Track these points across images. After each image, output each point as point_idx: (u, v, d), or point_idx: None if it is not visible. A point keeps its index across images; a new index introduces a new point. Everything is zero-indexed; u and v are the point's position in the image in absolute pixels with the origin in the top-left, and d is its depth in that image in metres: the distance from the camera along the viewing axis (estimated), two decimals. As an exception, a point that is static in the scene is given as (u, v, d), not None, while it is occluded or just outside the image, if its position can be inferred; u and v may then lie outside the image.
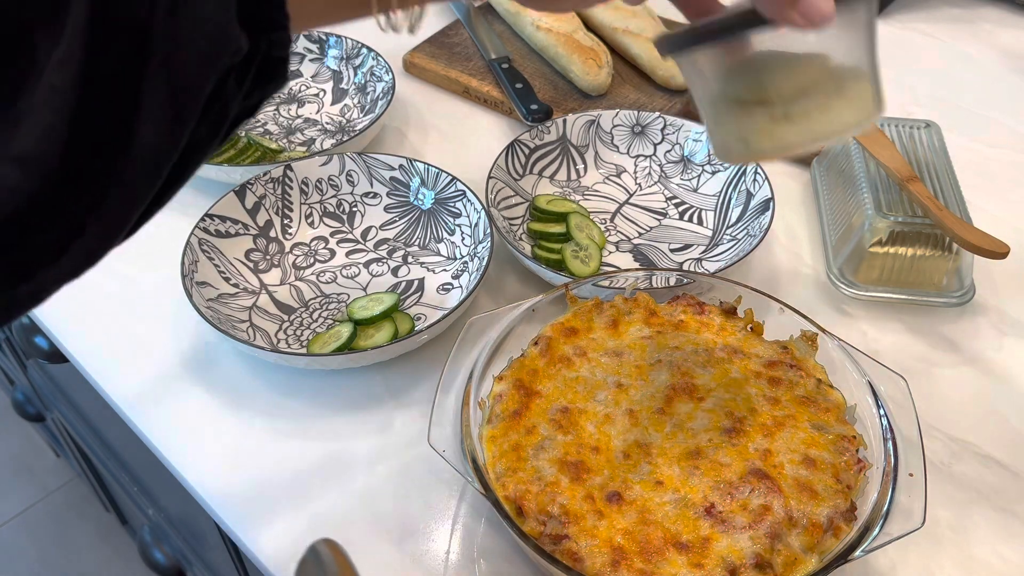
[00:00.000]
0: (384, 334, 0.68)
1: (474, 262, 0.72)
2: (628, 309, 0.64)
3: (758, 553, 0.49)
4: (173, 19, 0.29)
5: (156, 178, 0.32)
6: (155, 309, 0.73)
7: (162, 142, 0.31)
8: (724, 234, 0.78)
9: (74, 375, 0.95)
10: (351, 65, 0.96)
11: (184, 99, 0.30)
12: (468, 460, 0.53)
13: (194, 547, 1.09)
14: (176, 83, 0.30)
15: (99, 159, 0.30)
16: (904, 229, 0.70)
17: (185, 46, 0.30)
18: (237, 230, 0.76)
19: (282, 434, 0.64)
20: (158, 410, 0.66)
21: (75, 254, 0.31)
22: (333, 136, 0.91)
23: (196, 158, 0.33)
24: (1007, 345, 0.70)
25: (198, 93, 0.31)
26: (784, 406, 0.57)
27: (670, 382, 0.58)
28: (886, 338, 0.70)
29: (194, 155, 0.33)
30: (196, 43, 0.30)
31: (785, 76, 0.44)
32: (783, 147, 0.45)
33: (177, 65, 0.30)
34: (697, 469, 0.53)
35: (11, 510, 1.81)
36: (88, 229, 0.31)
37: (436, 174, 0.78)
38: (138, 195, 0.32)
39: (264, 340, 0.69)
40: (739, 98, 0.46)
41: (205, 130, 0.33)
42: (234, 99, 0.33)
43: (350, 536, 0.57)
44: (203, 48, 0.30)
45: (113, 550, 1.73)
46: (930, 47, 1.07)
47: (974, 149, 0.90)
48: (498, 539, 0.57)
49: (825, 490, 0.52)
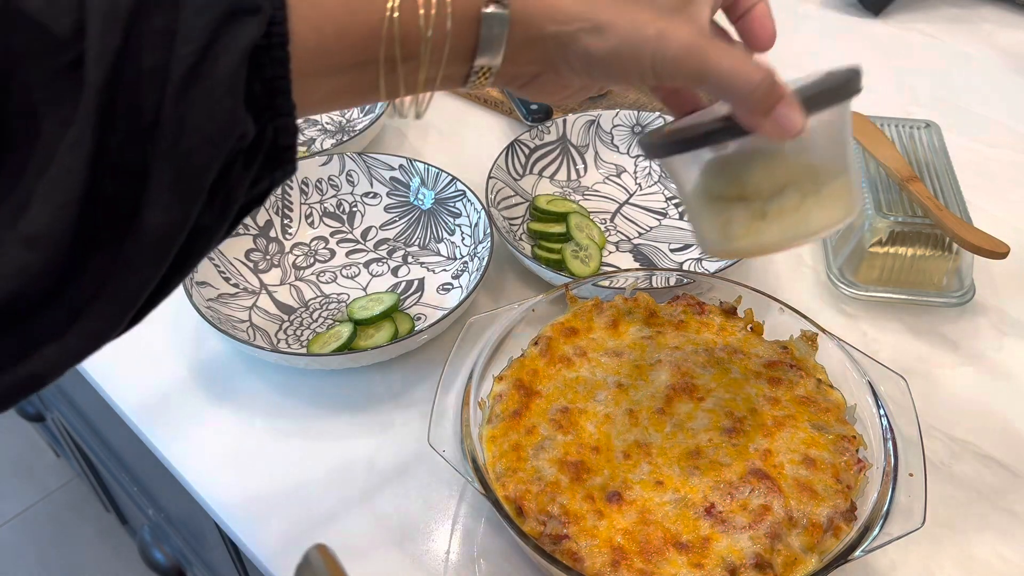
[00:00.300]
0: (384, 334, 0.68)
1: (474, 262, 0.72)
2: (628, 309, 0.64)
3: (758, 553, 0.49)
4: (182, 104, 0.30)
5: (162, 261, 0.32)
6: (155, 309, 0.73)
7: (168, 225, 0.31)
8: (724, 234, 0.78)
9: (74, 375, 0.95)
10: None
11: (190, 183, 0.31)
12: (468, 460, 0.53)
13: (194, 547, 1.09)
14: (182, 167, 0.30)
15: (106, 240, 0.30)
16: (904, 229, 0.70)
17: (192, 130, 0.30)
18: (237, 230, 0.76)
19: (282, 434, 0.64)
20: (158, 410, 0.65)
21: (80, 334, 0.31)
22: (333, 136, 0.91)
23: (202, 244, 0.34)
24: (1007, 345, 0.70)
25: (204, 177, 0.31)
26: (784, 406, 0.57)
27: (670, 382, 0.58)
28: (886, 338, 0.70)
29: (200, 241, 0.33)
30: (203, 128, 0.30)
31: (763, 174, 0.45)
32: (761, 245, 0.46)
33: (184, 149, 0.30)
34: (697, 469, 0.53)
35: (11, 510, 1.81)
36: (94, 309, 0.31)
37: (436, 174, 0.78)
38: (143, 277, 0.32)
39: (264, 340, 0.69)
40: (719, 194, 0.46)
41: (211, 215, 0.33)
42: (240, 185, 0.33)
43: (350, 536, 0.57)
44: (210, 132, 0.30)
45: (113, 550, 1.73)
46: (930, 47, 1.07)
47: (974, 149, 0.90)
48: (498, 539, 0.57)
49: (825, 490, 0.52)
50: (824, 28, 1.11)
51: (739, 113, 0.41)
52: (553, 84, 0.43)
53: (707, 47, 0.40)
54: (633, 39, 0.39)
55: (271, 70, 0.32)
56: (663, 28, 0.39)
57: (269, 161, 0.34)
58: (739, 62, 0.39)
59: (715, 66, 0.39)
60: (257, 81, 0.32)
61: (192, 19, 0.30)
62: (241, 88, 0.31)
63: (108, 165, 0.29)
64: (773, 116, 0.40)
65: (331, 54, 0.36)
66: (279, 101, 0.33)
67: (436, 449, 0.54)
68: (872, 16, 1.12)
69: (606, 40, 0.39)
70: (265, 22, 0.32)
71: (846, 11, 1.14)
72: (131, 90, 0.29)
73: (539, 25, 0.39)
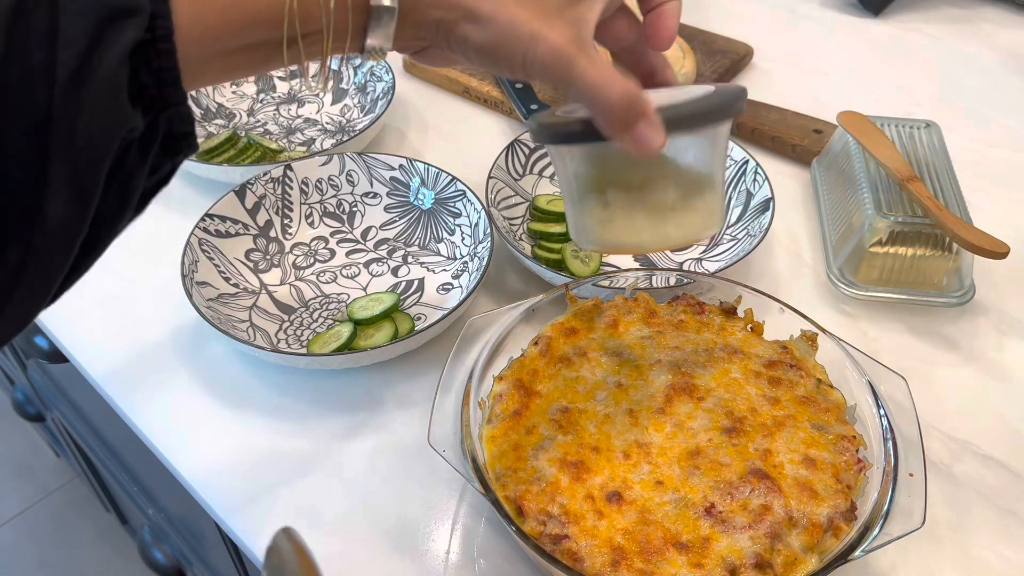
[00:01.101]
0: (384, 334, 0.68)
1: (474, 262, 0.72)
2: (628, 309, 0.64)
3: (758, 553, 0.49)
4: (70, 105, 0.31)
5: (69, 250, 0.34)
6: (155, 309, 0.73)
7: (69, 217, 0.33)
8: (724, 234, 0.78)
9: (74, 375, 0.95)
10: (351, 65, 0.96)
11: (84, 177, 0.33)
12: (468, 460, 0.53)
13: (194, 547, 1.09)
14: (76, 162, 0.32)
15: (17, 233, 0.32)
16: (904, 229, 0.70)
17: (81, 128, 0.32)
18: (237, 230, 0.76)
19: (282, 434, 0.64)
20: (158, 410, 0.66)
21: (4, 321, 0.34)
22: (333, 136, 0.91)
23: (106, 231, 0.36)
24: (1007, 345, 0.70)
25: (97, 171, 0.33)
26: (784, 406, 0.57)
27: (670, 382, 0.58)
28: (886, 338, 0.70)
29: (103, 228, 0.36)
30: (90, 126, 0.32)
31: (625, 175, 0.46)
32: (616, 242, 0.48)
33: (76, 147, 0.32)
34: (697, 469, 0.53)
35: (11, 510, 1.81)
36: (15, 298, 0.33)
37: (436, 174, 0.78)
38: (55, 266, 0.34)
39: (264, 340, 0.69)
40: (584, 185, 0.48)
41: (111, 205, 0.35)
42: (137, 174, 0.36)
43: (350, 536, 0.57)
44: (97, 131, 0.32)
45: (113, 550, 1.73)
46: (930, 47, 1.07)
47: (974, 149, 0.90)
48: (498, 539, 0.57)
49: (825, 490, 0.52)
50: (824, 28, 1.11)
51: (600, 124, 0.42)
52: (441, 58, 0.46)
53: (575, 56, 0.42)
54: (508, 35, 0.42)
55: (158, 63, 0.34)
56: (537, 30, 0.41)
57: (166, 149, 0.37)
58: (603, 76, 0.41)
59: (579, 76, 0.42)
60: (146, 74, 0.34)
61: (72, 23, 0.32)
62: (124, 86, 0.33)
63: (10, 156, 0.31)
64: (633, 133, 0.42)
65: (219, 40, 0.38)
66: (168, 92, 0.35)
67: (436, 449, 0.54)
68: (872, 16, 1.12)
69: (484, 31, 0.42)
70: (145, 21, 0.33)
71: (846, 11, 1.14)
72: (23, 86, 0.31)
73: (424, 10, 0.42)
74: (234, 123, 0.93)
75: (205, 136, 0.90)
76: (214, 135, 0.89)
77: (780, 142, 0.88)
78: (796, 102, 0.93)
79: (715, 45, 1.02)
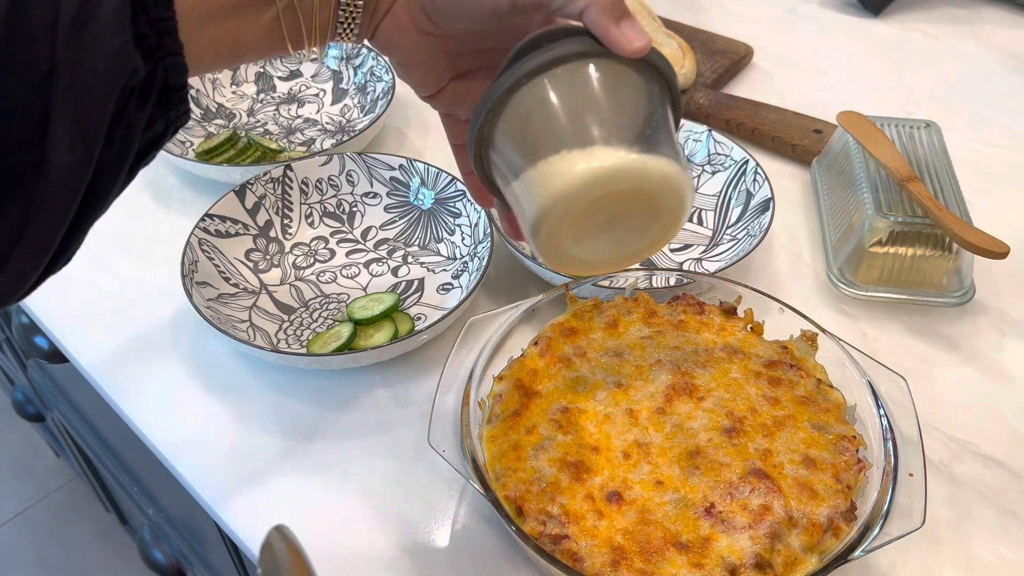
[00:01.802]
0: (384, 334, 0.68)
1: (474, 262, 0.72)
2: (628, 309, 0.64)
3: (758, 553, 0.49)
4: (74, 49, 0.32)
5: (73, 199, 0.34)
6: (155, 309, 0.73)
7: (74, 163, 0.33)
8: (724, 234, 0.78)
9: (74, 375, 0.96)
10: (351, 65, 0.96)
11: (89, 121, 0.33)
12: (468, 460, 0.53)
13: (194, 547, 1.09)
14: (80, 107, 0.33)
15: (19, 186, 0.32)
16: (904, 229, 0.70)
17: (86, 70, 0.32)
18: (237, 230, 0.76)
19: (282, 434, 0.64)
20: (158, 410, 0.66)
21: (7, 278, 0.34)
22: (333, 136, 0.91)
23: (107, 184, 0.36)
24: (1007, 345, 0.70)
25: (102, 114, 0.34)
26: (784, 406, 0.57)
27: (670, 382, 0.58)
28: (886, 338, 0.70)
29: (105, 180, 0.36)
30: (95, 66, 0.33)
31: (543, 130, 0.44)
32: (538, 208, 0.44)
33: (80, 89, 0.32)
34: (697, 469, 0.53)
35: (11, 510, 1.81)
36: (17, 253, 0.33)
37: (436, 174, 0.78)
38: (58, 217, 0.34)
39: (264, 340, 0.69)
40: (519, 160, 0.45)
41: (112, 154, 0.35)
42: (137, 123, 0.36)
43: (350, 535, 0.57)
44: (102, 70, 0.33)
45: (113, 550, 1.73)
46: (930, 47, 1.07)
47: (974, 149, 0.90)
48: (498, 539, 0.57)
49: (825, 490, 0.52)
50: (824, 28, 1.11)
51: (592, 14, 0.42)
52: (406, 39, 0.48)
53: None
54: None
55: (156, 12, 0.35)
56: None
57: (162, 101, 0.37)
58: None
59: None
60: (144, 23, 0.35)
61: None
62: (127, 26, 0.34)
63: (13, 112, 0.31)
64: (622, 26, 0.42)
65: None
66: (166, 41, 0.36)
67: (436, 449, 0.54)
68: (872, 16, 1.12)
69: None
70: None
71: (846, 11, 1.14)
72: (25, 44, 0.31)
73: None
74: (234, 123, 0.93)
75: (205, 136, 0.90)
76: (214, 135, 0.89)
77: (780, 142, 0.88)
78: (796, 102, 0.93)
79: (715, 45, 1.02)
